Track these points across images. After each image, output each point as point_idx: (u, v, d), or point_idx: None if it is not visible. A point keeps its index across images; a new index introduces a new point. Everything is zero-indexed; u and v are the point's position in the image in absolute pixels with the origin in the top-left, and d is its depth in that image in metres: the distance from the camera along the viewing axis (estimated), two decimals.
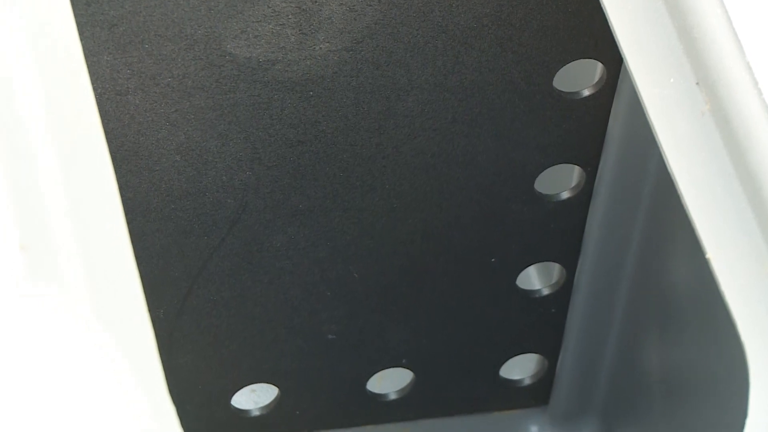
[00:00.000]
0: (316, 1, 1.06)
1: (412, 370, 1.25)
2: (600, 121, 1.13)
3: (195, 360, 1.18)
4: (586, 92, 1.12)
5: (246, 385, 1.24)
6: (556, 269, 1.22)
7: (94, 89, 0.88)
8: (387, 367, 1.26)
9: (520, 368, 1.27)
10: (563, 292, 1.22)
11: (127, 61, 1.04)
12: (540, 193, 1.17)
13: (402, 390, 1.26)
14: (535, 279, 1.24)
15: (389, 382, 1.27)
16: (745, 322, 0.89)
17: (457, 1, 1.08)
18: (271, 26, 1.07)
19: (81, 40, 0.89)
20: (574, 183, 1.17)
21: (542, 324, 1.24)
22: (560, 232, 1.19)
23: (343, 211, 1.17)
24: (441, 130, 1.14)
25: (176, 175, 1.10)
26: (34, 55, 0.89)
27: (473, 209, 1.18)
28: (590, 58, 1.11)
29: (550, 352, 1.25)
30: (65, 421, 0.53)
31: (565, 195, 1.17)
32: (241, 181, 1.13)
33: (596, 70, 1.12)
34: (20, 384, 0.54)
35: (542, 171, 1.16)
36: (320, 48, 1.09)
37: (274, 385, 1.24)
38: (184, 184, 1.11)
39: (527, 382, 1.26)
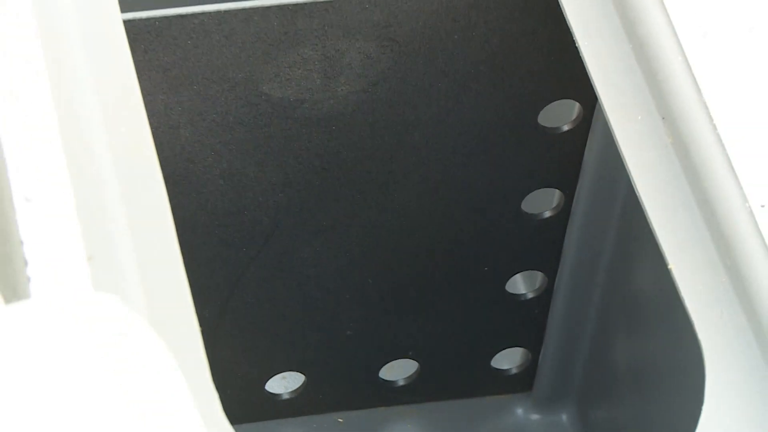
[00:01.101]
0: (338, 50, 1.05)
1: (417, 361, 1.25)
2: (577, 152, 1.13)
3: (235, 352, 1.18)
4: (566, 127, 1.11)
5: (278, 373, 1.24)
6: (539, 277, 1.22)
7: (151, 124, 0.87)
8: (396, 359, 1.25)
9: (508, 360, 1.26)
10: (545, 296, 1.22)
11: (178, 100, 1.03)
12: (526, 212, 1.16)
13: (408, 377, 1.26)
14: (521, 285, 1.23)
15: (398, 370, 1.26)
16: (701, 322, 0.87)
17: (457, 50, 1.07)
18: (300, 71, 1.06)
19: (139, 81, 0.88)
20: (554, 204, 1.16)
21: (527, 323, 1.23)
22: (543, 246, 1.18)
23: (360, 227, 1.16)
24: (443, 160, 1.13)
25: (220, 196, 1.10)
26: (100, 95, 0.88)
27: (469, 226, 1.17)
28: (569, 98, 1.10)
29: (534, 346, 1.24)
30: (128, 409, 0.51)
31: (547, 214, 1.16)
32: (275, 202, 1.13)
33: (574, 108, 1.11)
34: (91, 377, 0.52)
35: (528, 194, 1.15)
36: (341, 90, 1.08)
37: (301, 373, 1.24)
38: (226, 204, 1.10)
39: (514, 371, 1.26)
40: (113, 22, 0.91)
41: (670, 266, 0.89)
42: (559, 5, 0.97)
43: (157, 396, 0.52)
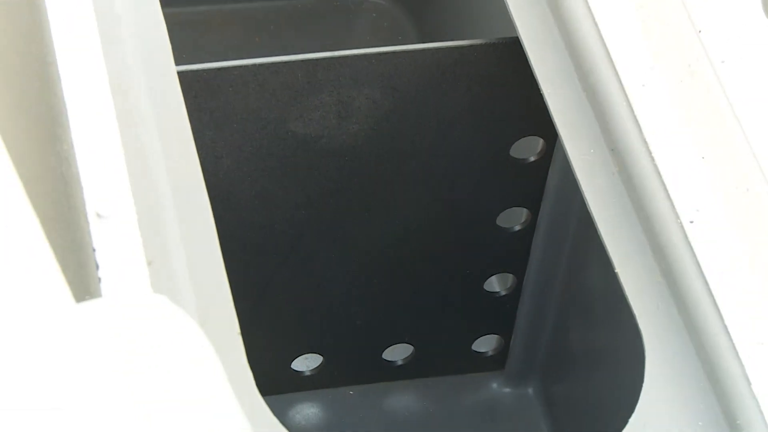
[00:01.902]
0: (349, 96, 1.06)
1: (412, 345, 1.25)
2: (541, 178, 1.13)
3: (266, 338, 1.19)
4: (532, 158, 1.11)
5: (301, 355, 1.24)
6: (510, 278, 1.22)
7: (199, 155, 0.88)
8: (396, 343, 1.25)
9: (485, 344, 1.26)
10: (515, 293, 1.21)
11: (221, 136, 1.03)
12: (500, 226, 1.16)
13: (405, 358, 1.26)
14: (495, 284, 1.23)
15: (397, 353, 1.26)
16: (641, 314, 0.87)
17: (445, 96, 1.07)
18: (319, 113, 1.06)
19: (190, 120, 0.89)
20: (523, 220, 1.16)
21: (500, 315, 1.23)
22: (513, 253, 1.18)
23: (367, 238, 1.16)
24: (433, 184, 1.13)
25: (254, 213, 1.09)
26: (159, 131, 0.89)
27: (454, 237, 1.17)
28: (535, 135, 1.10)
29: (506, 333, 1.24)
30: (178, 388, 0.50)
31: (517, 228, 1.17)
32: (298, 218, 1.12)
33: (539, 143, 1.11)
34: (145, 364, 0.51)
35: (502, 212, 1.15)
36: (352, 128, 1.08)
37: (320, 354, 1.24)
38: (259, 219, 1.11)
39: (490, 353, 1.26)
40: (170, 73, 0.92)
41: (616, 270, 0.89)
42: (527, 60, 0.97)
43: (198, 381, 0.52)
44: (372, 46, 1.06)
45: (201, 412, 0.50)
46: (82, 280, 0.76)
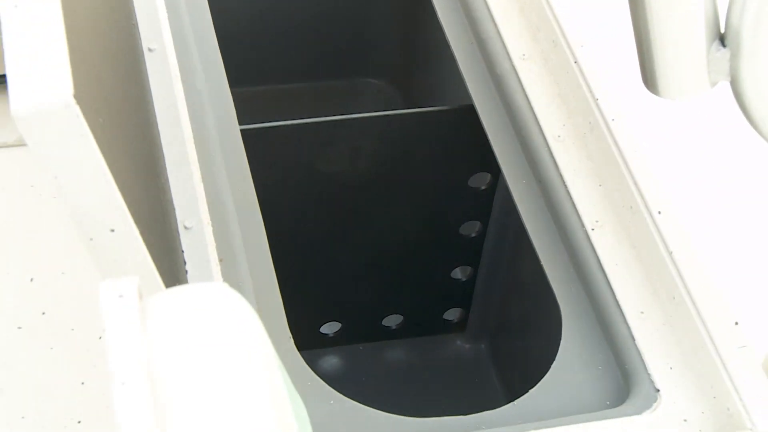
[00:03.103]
0: (359, 146, 1.05)
1: (402, 315, 1.22)
2: (490, 201, 1.11)
3: (302, 311, 1.17)
4: (483, 187, 1.10)
5: (326, 322, 1.22)
6: (468, 269, 1.19)
7: (255, 186, 0.88)
8: (390, 314, 1.23)
9: (452, 314, 1.24)
10: (472, 280, 1.19)
11: (270, 173, 1.01)
12: (461, 234, 1.14)
13: (398, 325, 1.23)
14: (459, 273, 1.20)
15: (392, 320, 1.23)
16: (560, 294, 0.86)
17: (424, 146, 1.06)
18: (337, 157, 1.05)
19: (249, 163, 0.89)
20: (477, 229, 1.14)
21: (462, 294, 1.21)
22: (471, 252, 1.16)
23: (370, 242, 1.14)
24: (415, 205, 1.12)
25: (293, 225, 1.08)
26: (226, 170, 0.89)
27: (431, 242, 1.15)
28: (485, 171, 1.09)
29: (466, 307, 1.22)
30: (234, 347, 0.49)
31: (473, 234, 1.14)
32: (323, 228, 1.11)
33: (488, 177, 1.10)
34: (219, 336, 0.50)
35: (463, 223, 1.13)
36: (361, 167, 1.07)
37: (339, 322, 1.21)
38: (296, 229, 1.09)
39: (455, 321, 1.23)
40: (234, 129, 0.91)
41: (542, 263, 0.88)
42: (480, 120, 0.97)
43: (249, 347, 0.50)
44: (372, 112, 1.06)
45: (246, 365, 0.49)
46: (175, 274, 0.76)
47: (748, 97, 0.61)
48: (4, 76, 0.57)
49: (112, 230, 0.56)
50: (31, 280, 0.91)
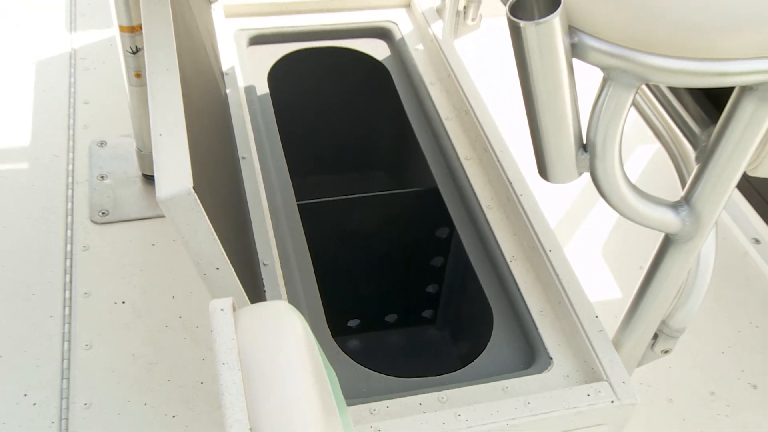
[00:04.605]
0: (369, 215, 1.03)
1: (397, 314, 1.19)
2: (449, 244, 1.09)
3: (335, 312, 1.13)
4: (444, 236, 1.08)
5: (350, 319, 1.18)
6: (437, 286, 1.16)
7: (307, 240, 0.87)
8: (390, 313, 1.19)
9: (428, 314, 1.19)
10: (438, 293, 1.15)
11: (319, 231, 1.00)
12: (432, 264, 1.11)
13: (394, 321, 1.19)
14: (431, 289, 1.16)
15: (390, 318, 1.20)
16: (491, 300, 0.85)
17: (409, 213, 1.05)
18: (358, 221, 1.04)
19: (303, 227, 0.87)
20: (441, 261, 1.11)
21: (433, 301, 1.16)
22: (438, 276, 1.13)
23: (377, 268, 1.11)
24: (402, 249, 1.09)
25: (330, 259, 1.06)
26: (292, 240, 0.87)
27: (413, 271, 1.12)
28: (445, 226, 1.07)
29: (436, 309, 1.17)
30: (294, 347, 0.46)
31: (439, 265, 1.11)
32: (348, 261, 1.09)
33: (447, 229, 1.07)
34: (284, 339, 0.47)
35: (432, 258, 1.11)
36: (371, 226, 1.05)
37: (358, 319, 1.18)
38: (333, 261, 1.06)
39: (429, 318, 1.19)
40: (293, 203, 0.90)
41: (480, 281, 0.86)
42: (441, 197, 0.96)
43: (301, 344, 0.47)
44: (378, 192, 1.05)
45: (299, 356, 0.46)
46: (257, 293, 0.76)
47: (600, 182, 0.64)
48: (152, 177, 0.58)
49: (217, 268, 0.57)
50: (173, 297, 0.94)
